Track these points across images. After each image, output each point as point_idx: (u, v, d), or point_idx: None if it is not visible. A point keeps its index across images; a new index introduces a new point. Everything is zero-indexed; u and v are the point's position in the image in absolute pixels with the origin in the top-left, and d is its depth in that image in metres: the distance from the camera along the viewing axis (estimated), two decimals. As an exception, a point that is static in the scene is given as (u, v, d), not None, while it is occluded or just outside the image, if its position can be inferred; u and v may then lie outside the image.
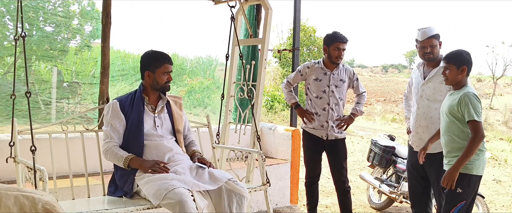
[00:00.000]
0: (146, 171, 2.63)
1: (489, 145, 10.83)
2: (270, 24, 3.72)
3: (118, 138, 2.78)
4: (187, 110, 11.28)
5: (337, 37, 3.79)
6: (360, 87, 4.01)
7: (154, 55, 2.86)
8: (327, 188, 5.78)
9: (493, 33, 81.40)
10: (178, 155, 2.83)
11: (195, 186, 2.55)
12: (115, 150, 2.73)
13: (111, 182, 2.87)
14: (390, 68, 41.48)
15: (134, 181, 2.71)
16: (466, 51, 2.99)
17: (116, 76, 10.59)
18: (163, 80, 2.85)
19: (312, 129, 3.93)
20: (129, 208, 2.51)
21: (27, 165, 2.54)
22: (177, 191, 2.41)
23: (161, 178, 2.54)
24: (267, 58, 3.83)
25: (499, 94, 21.58)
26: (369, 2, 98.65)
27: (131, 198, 2.72)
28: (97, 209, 2.48)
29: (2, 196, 1.40)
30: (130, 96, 2.88)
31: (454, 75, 2.92)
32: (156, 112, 2.89)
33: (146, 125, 2.81)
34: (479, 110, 2.80)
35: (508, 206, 5.47)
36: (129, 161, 2.69)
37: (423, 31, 3.37)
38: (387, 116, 16.76)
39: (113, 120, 2.78)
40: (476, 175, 2.88)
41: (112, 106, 2.81)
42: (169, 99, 3.00)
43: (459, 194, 2.87)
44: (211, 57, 13.87)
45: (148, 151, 2.78)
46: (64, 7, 9.97)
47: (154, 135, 2.83)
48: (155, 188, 2.49)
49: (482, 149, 2.90)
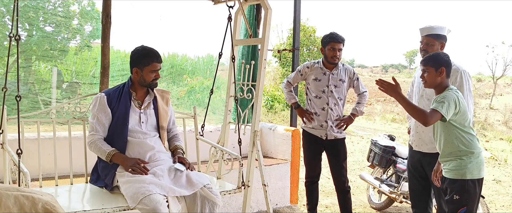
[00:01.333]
0: (127, 170, 2.70)
1: (489, 145, 10.83)
2: (270, 24, 3.72)
3: (103, 131, 2.85)
4: (187, 109, 11.28)
5: (332, 37, 3.81)
6: (361, 87, 4.01)
7: (144, 53, 2.87)
8: (327, 188, 5.78)
9: (493, 33, 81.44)
10: (159, 154, 2.90)
11: (171, 192, 2.61)
12: (99, 143, 2.80)
13: (94, 170, 2.96)
14: (390, 68, 41.49)
15: (115, 176, 2.78)
16: (444, 53, 2.99)
17: (116, 76, 10.60)
18: (151, 78, 2.88)
19: (312, 129, 3.94)
20: (106, 209, 2.58)
21: (12, 158, 2.62)
22: (152, 198, 2.47)
23: (139, 181, 2.60)
24: (267, 58, 3.83)
25: (499, 94, 21.57)
26: (369, 2, 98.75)
27: (111, 191, 2.82)
28: (76, 209, 2.54)
29: (2, 196, 1.40)
30: (118, 90, 2.92)
31: (433, 77, 2.89)
32: (142, 108, 2.93)
33: (131, 121, 2.87)
34: (448, 107, 2.73)
35: (508, 206, 5.47)
36: (112, 156, 2.77)
37: (425, 27, 3.36)
38: (387, 116, 16.76)
39: (99, 114, 2.84)
40: (472, 179, 2.83)
41: (99, 99, 2.86)
42: (157, 93, 3.03)
43: (458, 201, 2.84)
44: (211, 57, 13.88)
45: (130, 148, 2.84)
46: (64, 7, 9.97)
47: (138, 132, 2.88)
48: (132, 191, 2.55)
49: (474, 151, 2.83)
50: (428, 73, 2.91)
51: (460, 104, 2.80)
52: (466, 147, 2.82)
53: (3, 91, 2.49)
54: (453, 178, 2.85)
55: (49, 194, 1.58)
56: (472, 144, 2.84)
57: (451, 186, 2.86)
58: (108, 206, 2.61)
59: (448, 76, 2.93)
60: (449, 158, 2.86)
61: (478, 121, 14.75)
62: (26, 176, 2.38)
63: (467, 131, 2.83)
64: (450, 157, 2.86)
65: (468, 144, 2.82)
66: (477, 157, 2.84)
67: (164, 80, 12.38)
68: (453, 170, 2.85)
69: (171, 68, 12.87)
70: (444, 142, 2.88)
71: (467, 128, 2.84)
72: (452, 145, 2.84)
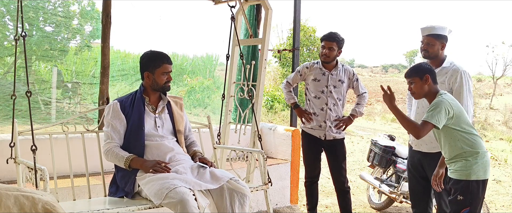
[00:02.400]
0: (147, 171, 2.63)
1: (489, 145, 10.83)
2: (270, 24, 3.72)
3: (119, 138, 2.77)
4: (187, 110, 11.28)
5: (324, 35, 3.84)
6: (361, 88, 4.00)
7: (153, 56, 2.85)
8: (327, 188, 5.78)
9: (493, 33, 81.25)
10: (179, 155, 2.83)
11: (196, 185, 2.54)
12: (116, 150, 2.73)
13: (112, 183, 2.86)
14: (390, 68, 41.46)
15: (135, 182, 2.70)
16: (424, 62, 3.06)
17: (116, 76, 10.61)
18: (163, 81, 2.84)
19: (310, 129, 3.94)
20: (130, 208, 2.51)
21: (27, 165, 2.54)
22: (178, 190, 2.40)
23: (162, 178, 2.54)
24: (267, 58, 3.84)
25: (499, 94, 21.58)
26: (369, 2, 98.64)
27: (132, 199, 2.72)
28: (98, 208, 2.48)
29: (2, 196, 1.40)
30: (131, 97, 2.87)
31: (420, 87, 2.91)
32: (156, 112, 2.89)
33: (147, 126, 2.81)
34: (438, 115, 2.74)
35: (508, 206, 5.47)
36: (130, 161, 2.68)
37: (426, 27, 3.37)
38: (387, 116, 16.76)
39: (114, 121, 2.77)
40: (476, 180, 2.82)
41: (113, 107, 2.81)
42: (170, 99, 2.99)
43: (461, 201, 2.83)
44: (211, 57, 13.88)
45: (149, 151, 2.77)
46: (64, 7, 9.97)
47: (155, 136, 2.82)
48: (156, 188, 2.49)
49: (479, 151, 2.82)
50: (415, 84, 2.94)
51: (452, 109, 2.80)
52: (470, 148, 2.81)
53: (12, 98, 2.43)
54: (457, 179, 2.84)
55: (49, 194, 1.58)
56: (476, 144, 2.82)
57: (455, 186, 2.85)
58: (132, 205, 2.54)
59: (435, 82, 2.94)
60: (455, 159, 2.85)
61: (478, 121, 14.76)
62: (44, 172, 2.29)
63: (468, 132, 2.83)
64: (456, 159, 2.85)
65: (472, 144, 2.81)
66: (482, 157, 2.83)
67: (163, 80, 12.36)
68: (458, 170, 2.84)
69: (171, 68, 12.86)
70: (449, 147, 2.87)
71: (467, 128, 2.83)
72: (456, 148, 2.83)
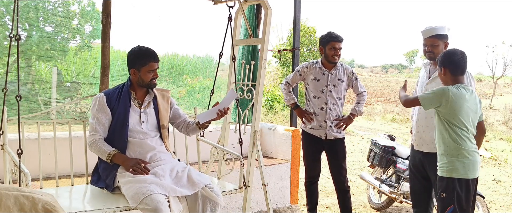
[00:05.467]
0: (128, 170, 2.70)
1: (489, 145, 10.83)
2: (270, 24, 3.72)
3: (103, 131, 2.84)
4: (187, 110, 11.27)
5: (332, 36, 3.82)
6: (360, 87, 4.01)
7: (140, 53, 2.87)
8: (327, 188, 5.78)
9: (493, 33, 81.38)
10: (160, 154, 2.89)
11: (172, 192, 2.62)
12: (100, 144, 2.79)
13: (95, 171, 2.94)
14: (390, 68, 41.50)
15: (116, 177, 2.77)
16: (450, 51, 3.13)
17: (116, 76, 10.60)
18: (149, 78, 2.87)
19: (311, 129, 3.93)
20: (107, 210, 2.58)
21: (13, 159, 2.61)
22: (153, 198, 2.47)
23: (140, 181, 2.60)
24: (267, 58, 3.83)
25: (499, 94, 21.60)
26: (369, 2, 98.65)
27: (112, 192, 2.81)
28: (77, 209, 2.54)
29: (2, 196, 1.40)
30: (118, 90, 2.91)
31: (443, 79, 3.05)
32: (142, 107, 2.92)
33: (132, 120, 2.85)
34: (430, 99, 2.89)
35: (508, 206, 5.47)
36: (112, 156, 2.75)
37: (427, 29, 3.37)
38: (387, 116, 16.77)
39: (99, 114, 2.83)
40: (458, 179, 2.83)
41: (99, 99, 2.85)
42: (157, 92, 3.02)
43: (444, 199, 2.85)
44: (210, 57, 13.89)
45: (131, 148, 2.84)
46: (64, 7, 9.97)
47: (139, 132, 2.87)
48: (133, 191, 2.55)
49: (463, 149, 2.83)
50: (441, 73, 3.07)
51: (448, 101, 2.82)
52: (454, 143, 2.84)
53: (4, 91, 2.49)
54: (441, 176, 2.90)
55: (49, 194, 1.58)
56: (461, 142, 2.84)
57: (440, 183, 2.92)
58: (109, 206, 2.61)
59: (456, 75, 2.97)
60: (441, 155, 2.92)
61: (478, 121, 14.73)
62: (27, 176, 2.38)
63: (458, 127, 2.85)
64: (442, 155, 2.91)
65: (457, 140, 2.84)
66: (465, 156, 2.84)
67: (164, 80, 12.38)
68: (443, 167, 2.90)
69: (171, 68, 12.88)
70: (437, 139, 2.96)
71: (459, 125, 2.85)
72: (443, 142, 2.90)
